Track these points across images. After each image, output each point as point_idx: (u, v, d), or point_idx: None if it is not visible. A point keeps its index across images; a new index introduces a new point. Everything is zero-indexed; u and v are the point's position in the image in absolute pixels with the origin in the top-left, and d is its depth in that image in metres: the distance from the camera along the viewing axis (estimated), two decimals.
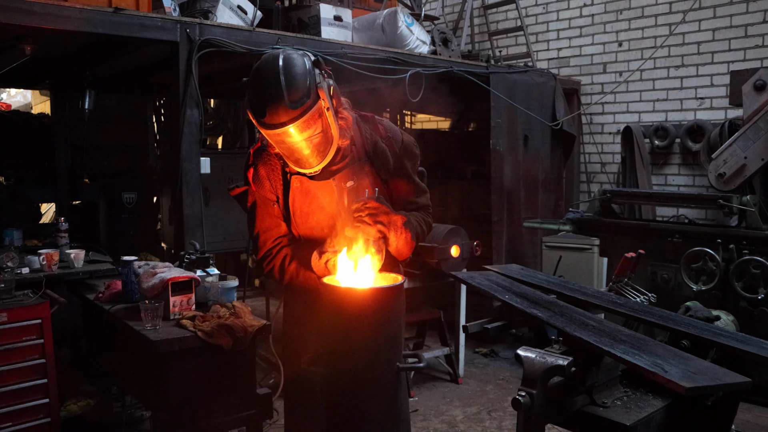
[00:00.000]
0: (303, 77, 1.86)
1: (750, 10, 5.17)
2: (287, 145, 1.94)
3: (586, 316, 2.02)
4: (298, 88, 1.84)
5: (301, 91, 1.84)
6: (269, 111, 1.84)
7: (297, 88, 1.84)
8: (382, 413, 1.87)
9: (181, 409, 2.60)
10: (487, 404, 4.30)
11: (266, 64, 1.90)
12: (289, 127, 1.85)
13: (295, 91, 1.84)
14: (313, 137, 1.92)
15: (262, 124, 1.88)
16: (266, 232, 2.19)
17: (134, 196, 6.44)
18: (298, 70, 1.87)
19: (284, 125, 1.85)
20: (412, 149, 2.26)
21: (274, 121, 1.85)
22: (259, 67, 1.92)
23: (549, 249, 5.31)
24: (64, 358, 4.40)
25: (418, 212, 2.25)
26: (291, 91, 1.83)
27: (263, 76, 1.88)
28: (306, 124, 1.87)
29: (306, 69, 1.88)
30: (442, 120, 7.60)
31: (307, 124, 1.87)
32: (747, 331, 2.49)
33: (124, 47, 4.06)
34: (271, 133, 1.90)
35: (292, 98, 1.83)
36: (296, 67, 1.87)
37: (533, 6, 6.64)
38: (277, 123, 1.85)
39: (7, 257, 3.38)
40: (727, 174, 4.31)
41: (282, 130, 1.86)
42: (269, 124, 1.86)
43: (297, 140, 1.90)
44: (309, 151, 1.94)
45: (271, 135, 1.91)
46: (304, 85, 1.85)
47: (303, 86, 1.85)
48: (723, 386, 1.63)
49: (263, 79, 1.88)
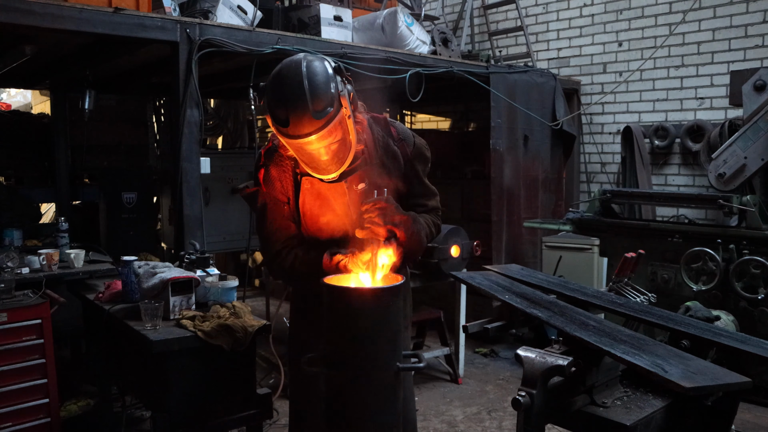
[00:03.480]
0: (327, 86, 1.84)
1: (750, 10, 5.17)
2: (307, 152, 1.92)
3: (586, 316, 2.02)
4: (322, 98, 1.82)
5: (325, 101, 1.82)
6: (293, 121, 1.82)
7: (321, 98, 1.82)
8: (382, 413, 1.87)
9: (181, 409, 2.60)
10: (487, 404, 4.30)
11: (289, 71, 1.86)
12: (312, 136, 1.84)
13: (320, 101, 1.81)
14: (333, 144, 1.90)
15: (284, 133, 1.86)
16: (276, 233, 2.17)
17: (134, 196, 6.43)
18: (322, 78, 1.84)
19: (308, 136, 1.83)
20: (423, 152, 2.27)
21: (298, 132, 1.83)
22: (282, 74, 1.87)
23: (549, 249, 5.30)
24: (64, 358, 4.41)
25: (428, 214, 2.26)
26: (315, 101, 1.81)
27: (286, 84, 1.84)
28: (328, 132, 1.86)
29: (329, 77, 1.86)
30: (442, 120, 7.61)
31: (329, 132, 1.86)
32: (747, 331, 2.49)
33: (124, 47, 4.06)
34: (292, 142, 1.88)
35: (316, 108, 1.81)
36: (319, 75, 1.84)
37: (533, 6, 6.64)
38: (301, 134, 1.83)
39: (7, 257, 3.38)
40: (727, 174, 4.31)
41: (305, 140, 1.84)
42: (293, 134, 1.84)
43: (317, 147, 1.89)
44: (328, 157, 1.93)
45: (291, 143, 1.90)
46: (328, 95, 1.83)
47: (327, 96, 1.83)
48: (723, 386, 1.63)
49: (286, 87, 1.84)
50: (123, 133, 7.02)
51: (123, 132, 7.02)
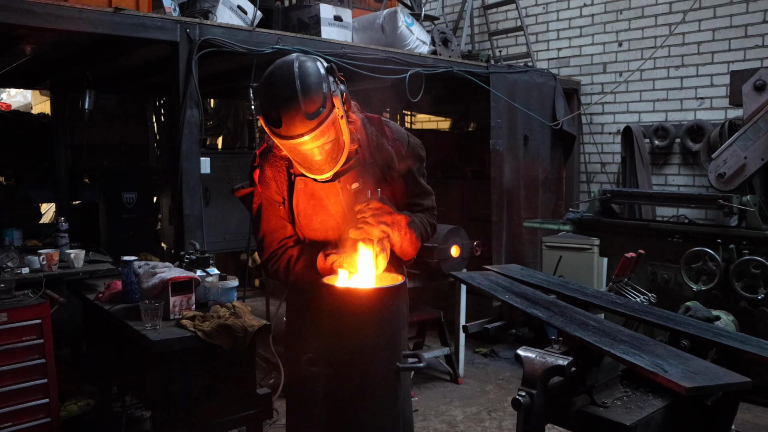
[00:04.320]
0: (319, 87, 1.84)
1: (750, 10, 5.17)
2: (300, 153, 1.92)
3: (586, 316, 2.02)
4: (314, 99, 1.82)
5: (317, 102, 1.83)
6: (285, 122, 1.82)
7: (313, 99, 1.82)
8: (382, 413, 1.87)
9: (181, 409, 2.60)
10: (487, 404, 4.30)
11: (281, 72, 1.87)
12: (305, 137, 1.84)
13: (312, 103, 1.82)
14: (326, 144, 1.91)
15: (277, 134, 1.87)
16: (272, 234, 2.17)
17: (134, 196, 6.43)
18: (314, 79, 1.84)
19: (301, 137, 1.84)
20: (418, 152, 2.26)
21: (291, 133, 1.84)
22: (273, 75, 1.88)
23: (549, 249, 5.31)
24: (64, 358, 4.41)
25: (423, 214, 2.26)
26: (307, 103, 1.81)
27: (278, 84, 1.85)
28: (321, 133, 1.86)
29: (321, 77, 1.86)
30: (442, 120, 7.61)
31: (322, 133, 1.86)
32: (747, 331, 2.49)
33: (124, 47, 4.06)
34: (285, 143, 1.89)
35: (308, 109, 1.81)
36: (311, 76, 1.84)
37: (533, 6, 6.64)
38: (293, 135, 1.84)
39: (7, 257, 3.38)
40: (727, 174, 4.31)
41: (298, 141, 1.85)
42: (285, 135, 1.85)
43: (310, 147, 1.89)
44: (321, 157, 1.93)
45: (284, 144, 1.90)
46: (320, 96, 1.83)
47: (319, 97, 1.83)
48: (723, 386, 1.63)
49: (278, 88, 1.84)
50: (123, 133, 7.01)
51: (123, 132, 7.02)
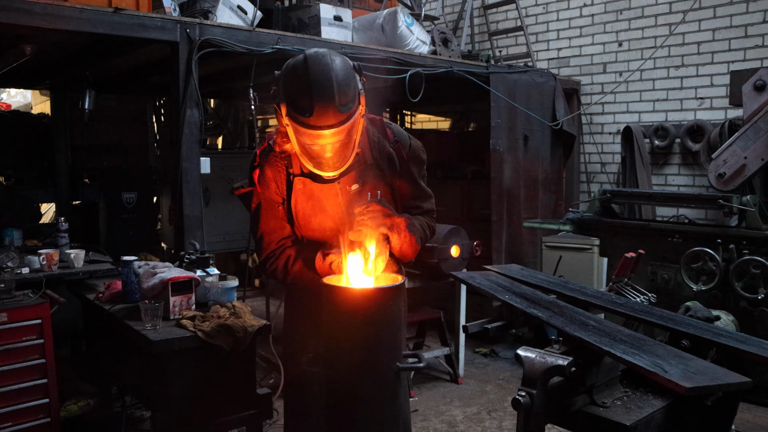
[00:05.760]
0: (353, 81, 1.89)
1: (750, 10, 5.17)
2: (317, 146, 1.91)
3: (586, 316, 2.02)
4: (347, 93, 1.85)
5: (349, 96, 1.86)
6: (318, 111, 1.82)
7: (347, 93, 1.85)
8: (381, 413, 1.87)
9: (181, 409, 2.61)
10: (487, 404, 4.30)
11: (315, 62, 1.86)
12: (333, 129, 1.84)
13: (345, 96, 1.84)
14: (344, 140, 1.91)
15: (302, 123, 1.85)
16: (270, 234, 2.17)
17: (134, 196, 6.44)
18: (349, 73, 1.88)
19: (330, 128, 1.84)
20: (419, 154, 2.26)
21: (321, 123, 1.83)
22: (309, 64, 1.86)
23: (549, 249, 5.31)
24: (64, 358, 4.41)
25: (423, 216, 2.26)
26: (342, 95, 1.83)
27: (314, 73, 1.84)
28: (347, 127, 1.87)
29: (353, 73, 1.91)
30: (442, 120, 7.61)
31: (347, 127, 1.88)
32: (747, 331, 2.48)
33: (124, 47, 4.06)
34: (310, 132, 1.86)
35: (342, 101, 1.83)
36: (347, 70, 1.88)
37: (533, 6, 6.64)
38: (323, 125, 1.83)
39: (7, 257, 3.38)
40: (727, 174, 4.31)
41: (327, 132, 1.85)
42: (314, 125, 1.84)
43: (330, 141, 1.88)
44: (332, 154, 1.93)
45: (306, 133, 1.87)
46: (353, 90, 1.87)
47: (352, 91, 1.87)
48: (723, 386, 1.63)
49: (314, 77, 1.84)
50: (123, 133, 7.02)
51: (123, 132, 7.02)
